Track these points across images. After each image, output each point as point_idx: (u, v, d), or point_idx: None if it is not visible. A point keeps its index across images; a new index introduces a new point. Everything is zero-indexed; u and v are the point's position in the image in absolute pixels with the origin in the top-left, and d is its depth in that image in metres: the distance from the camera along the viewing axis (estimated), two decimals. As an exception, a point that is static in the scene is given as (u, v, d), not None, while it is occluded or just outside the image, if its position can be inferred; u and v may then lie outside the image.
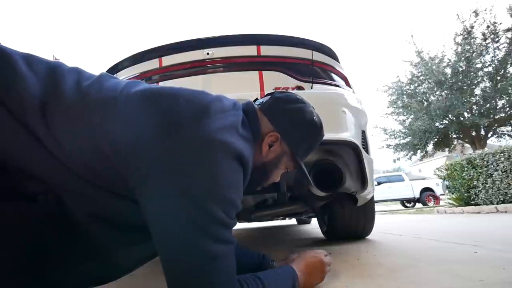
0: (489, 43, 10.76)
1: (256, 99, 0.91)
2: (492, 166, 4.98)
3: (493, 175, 4.93)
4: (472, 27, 10.85)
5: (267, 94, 0.90)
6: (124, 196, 0.65)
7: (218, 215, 0.60)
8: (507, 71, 10.72)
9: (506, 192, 4.73)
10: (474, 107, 11.30)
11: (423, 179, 12.97)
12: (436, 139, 12.28)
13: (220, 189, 0.61)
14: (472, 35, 10.87)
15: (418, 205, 11.37)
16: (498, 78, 10.77)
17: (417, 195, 11.39)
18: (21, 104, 0.58)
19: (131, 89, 0.68)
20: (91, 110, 0.63)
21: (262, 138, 0.80)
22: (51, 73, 0.64)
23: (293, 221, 5.29)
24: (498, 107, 11.19)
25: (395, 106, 12.61)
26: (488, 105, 11.07)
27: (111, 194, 0.65)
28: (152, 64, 1.42)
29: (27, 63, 0.63)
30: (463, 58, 10.86)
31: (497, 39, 10.63)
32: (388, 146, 12.95)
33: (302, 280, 0.85)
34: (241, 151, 0.66)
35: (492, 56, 10.83)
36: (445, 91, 11.43)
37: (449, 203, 6.16)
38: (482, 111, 11.06)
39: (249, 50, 1.41)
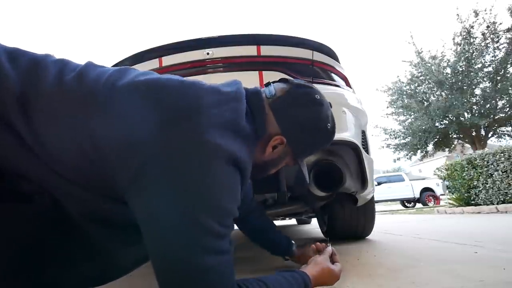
0: (489, 43, 10.74)
1: (269, 83, 0.80)
2: (492, 166, 4.97)
3: (493, 175, 4.93)
4: (471, 27, 10.83)
5: (282, 80, 0.79)
6: (115, 199, 0.61)
7: (211, 226, 0.55)
8: (507, 71, 10.69)
9: (506, 192, 4.73)
10: (474, 107, 11.28)
11: (423, 179, 12.96)
12: (436, 139, 12.26)
13: (212, 198, 0.56)
14: (472, 35, 10.85)
15: (418, 205, 11.37)
16: (498, 78, 10.74)
17: (417, 195, 11.39)
18: (2, 103, 0.55)
19: (116, 82, 0.62)
20: (72, 107, 0.58)
21: (266, 139, 0.73)
22: (33, 67, 0.60)
23: (293, 221, 5.29)
24: (498, 107, 11.16)
25: (395, 106, 12.59)
26: (488, 105, 11.05)
27: (103, 196, 0.62)
28: (152, 64, 1.42)
29: (11, 58, 0.59)
30: (463, 58, 10.83)
31: (497, 39, 10.61)
32: (388, 146, 12.93)
33: (313, 283, 0.81)
34: (237, 154, 0.60)
35: (492, 56, 10.81)
36: (445, 91, 11.42)
37: (449, 203, 6.16)
38: (482, 111, 11.04)
39: (249, 50, 1.41)
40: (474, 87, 11.26)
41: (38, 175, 0.59)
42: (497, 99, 10.99)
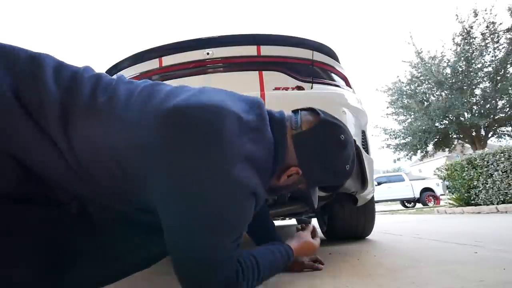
0: (488, 43, 10.74)
1: (297, 110, 0.82)
2: (492, 166, 4.97)
3: (493, 175, 4.93)
4: (471, 27, 10.82)
5: (310, 110, 0.81)
6: (142, 209, 0.69)
7: (227, 246, 0.65)
8: (507, 71, 10.69)
9: (506, 192, 4.73)
10: (474, 107, 11.28)
11: (423, 179, 12.97)
12: (436, 139, 12.26)
13: (232, 224, 0.65)
14: (471, 35, 10.85)
15: (418, 205, 11.37)
16: (498, 78, 10.74)
17: (417, 195, 11.40)
18: (45, 117, 0.59)
19: (143, 107, 0.65)
20: (101, 128, 0.63)
21: (283, 168, 0.76)
22: (73, 83, 0.64)
23: (293, 221, 5.29)
24: (498, 107, 11.16)
25: (395, 106, 12.59)
26: (488, 105, 11.05)
27: (130, 208, 0.69)
28: (152, 64, 1.42)
29: (56, 72, 0.64)
30: (462, 58, 10.84)
31: (497, 39, 10.61)
32: (388, 146, 12.93)
33: (295, 255, 0.95)
34: (256, 188, 0.66)
35: (492, 56, 10.81)
36: (445, 91, 11.42)
37: (449, 203, 6.16)
38: (482, 111, 11.04)
39: (249, 50, 1.41)
40: (474, 87, 11.26)
41: (72, 186, 0.64)
42: (497, 99, 10.99)
